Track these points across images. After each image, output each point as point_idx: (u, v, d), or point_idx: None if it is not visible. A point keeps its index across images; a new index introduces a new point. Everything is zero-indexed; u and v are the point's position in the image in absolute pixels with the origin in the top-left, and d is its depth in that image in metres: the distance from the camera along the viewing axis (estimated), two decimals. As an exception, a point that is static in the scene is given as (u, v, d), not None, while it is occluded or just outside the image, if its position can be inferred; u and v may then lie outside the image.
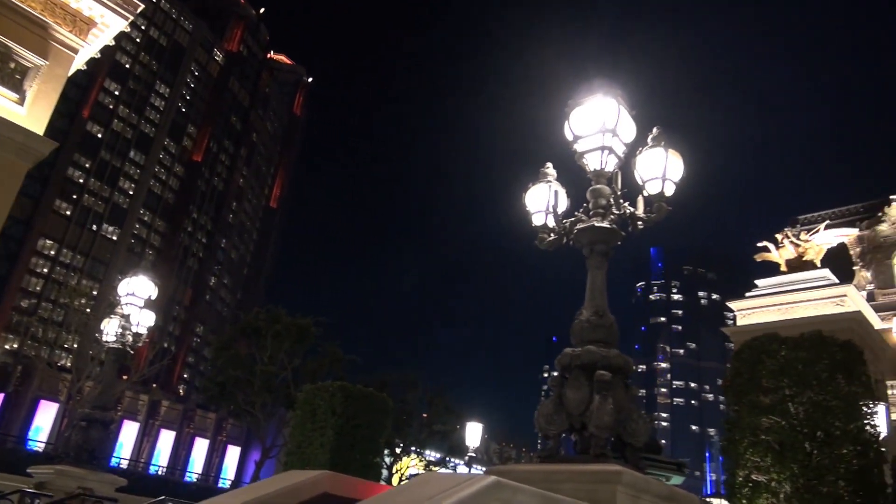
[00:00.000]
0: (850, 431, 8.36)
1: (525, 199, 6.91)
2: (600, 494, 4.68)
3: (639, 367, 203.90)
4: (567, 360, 5.69)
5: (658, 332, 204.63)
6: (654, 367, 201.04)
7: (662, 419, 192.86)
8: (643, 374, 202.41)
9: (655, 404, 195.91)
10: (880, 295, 39.76)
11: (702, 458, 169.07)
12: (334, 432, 13.98)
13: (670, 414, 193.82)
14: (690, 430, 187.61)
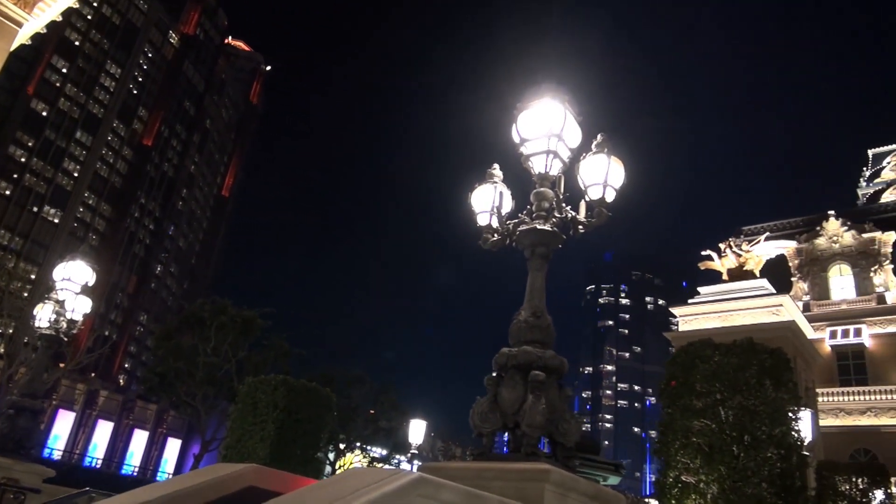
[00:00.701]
0: (775, 436, 8.69)
1: (471, 199, 6.96)
2: (529, 492, 4.75)
3: (586, 369, 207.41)
4: (503, 360, 5.75)
5: (606, 336, 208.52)
6: (601, 370, 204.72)
7: (606, 420, 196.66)
8: (590, 376, 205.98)
9: (600, 406, 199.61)
10: (815, 306, 41.39)
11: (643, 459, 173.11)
12: (275, 426, 13.83)
13: (614, 416, 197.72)
14: (633, 431, 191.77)
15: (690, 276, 45.02)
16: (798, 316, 28.87)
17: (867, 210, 48.10)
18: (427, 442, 52.94)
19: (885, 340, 38.67)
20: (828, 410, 36.57)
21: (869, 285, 40.68)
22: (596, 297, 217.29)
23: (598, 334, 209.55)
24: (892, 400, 36.83)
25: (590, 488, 5.15)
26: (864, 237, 41.72)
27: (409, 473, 3.37)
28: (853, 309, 40.22)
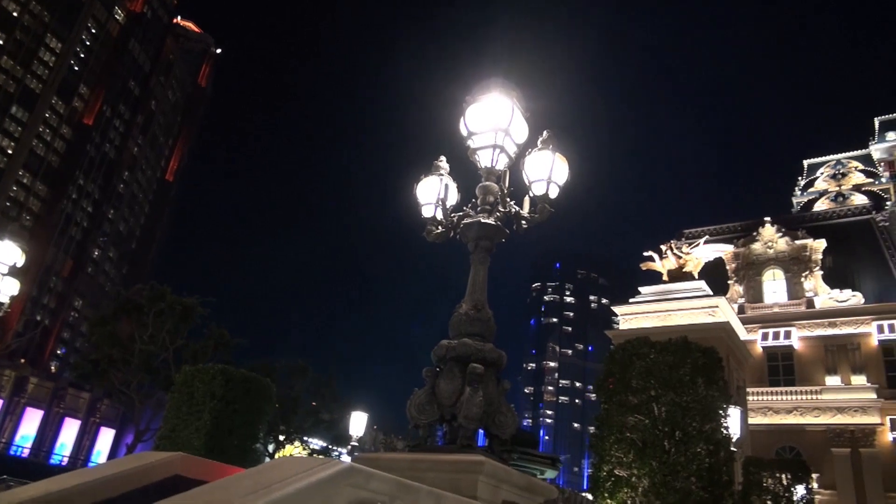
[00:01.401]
0: (705, 432, 8.97)
1: (417, 190, 6.93)
2: (462, 483, 4.77)
3: (529, 365, 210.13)
4: (443, 352, 5.76)
5: (550, 332, 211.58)
6: (544, 366, 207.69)
7: (548, 416, 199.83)
8: (533, 372, 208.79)
9: (542, 401, 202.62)
10: (749, 308, 42.93)
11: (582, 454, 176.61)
12: (212, 416, 13.53)
13: (555, 411, 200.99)
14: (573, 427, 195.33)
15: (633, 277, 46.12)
16: (733, 317, 29.87)
17: (801, 218, 50.15)
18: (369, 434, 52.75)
19: (812, 343, 40.42)
20: (757, 409, 38.02)
21: (800, 290, 42.43)
22: (541, 294, 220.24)
23: (543, 331, 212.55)
24: (816, 400, 38.53)
25: (522, 480, 5.21)
26: (797, 244, 43.46)
27: (339, 463, 3.33)
28: (784, 312, 41.88)
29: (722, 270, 43.88)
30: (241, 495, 2.78)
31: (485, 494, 4.78)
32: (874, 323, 39.19)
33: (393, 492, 3.53)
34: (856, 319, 39.70)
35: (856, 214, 46.96)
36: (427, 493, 3.86)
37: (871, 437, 36.76)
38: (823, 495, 35.51)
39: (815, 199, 72.72)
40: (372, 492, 3.37)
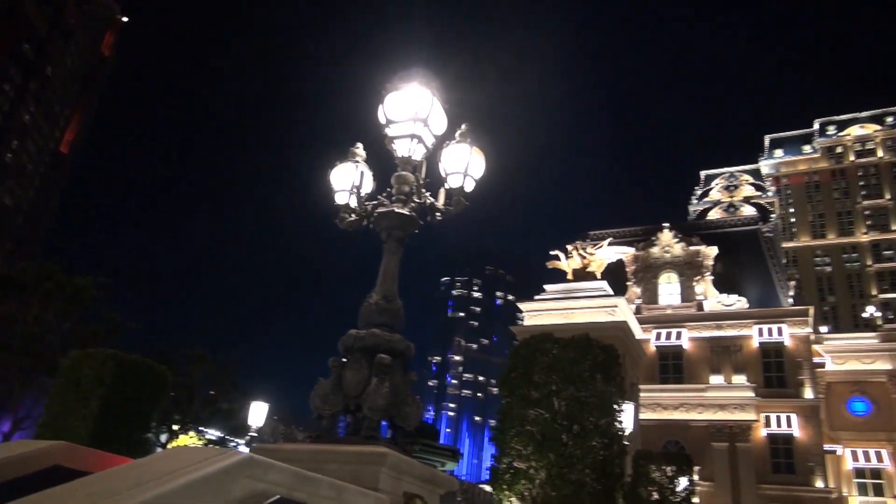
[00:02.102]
0: (601, 426, 9.32)
1: (331, 176, 6.78)
2: (364, 475, 4.71)
3: (434, 358, 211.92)
4: (350, 342, 5.67)
5: (456, 326, 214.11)
6: (449, 359, 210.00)
7: (450, 409, 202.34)
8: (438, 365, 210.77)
9: (445, 394, 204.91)
10: (646, 309, 45.01)
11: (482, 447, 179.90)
12: (99, 404, 12.81)
13: (458, 404, 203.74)
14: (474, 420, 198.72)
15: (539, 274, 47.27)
16: (630, 317, 31.22)
17: (696, 225, 53.04)
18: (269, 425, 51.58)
19: (700, 344, 42.88)
20: (647, 405, 39.95)
21: (691, 293, 44.89)
22: (450, 288, 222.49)
23: (449, 325, 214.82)
24: (701, 397, 40.94)
25: (425, 472, 5.21)
26: (691, 249, 45.94)
27: (236, 453, 3.20)
28: (677, 314, 44.20)
29: (622, 272, 45.76)
30: (129, 487, 2.61)
31: (386, 486, 4.74)
32: (755, 326, 42.04)
33: (292, 483, 3.42)
34: (739, 323, 42.45)
35: (744, 225, 50.15)
36: (328, 484, 3.78)
37: (747, 432, 39.46)
38: (703, 487, 37.81)
39: (710, 208, 77.19)
40: (270, 483, 3.26)
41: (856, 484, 43.57)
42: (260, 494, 3.12)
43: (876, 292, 77.84)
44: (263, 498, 3.09)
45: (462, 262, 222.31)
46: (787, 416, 39.95)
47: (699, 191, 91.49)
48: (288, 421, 59.06)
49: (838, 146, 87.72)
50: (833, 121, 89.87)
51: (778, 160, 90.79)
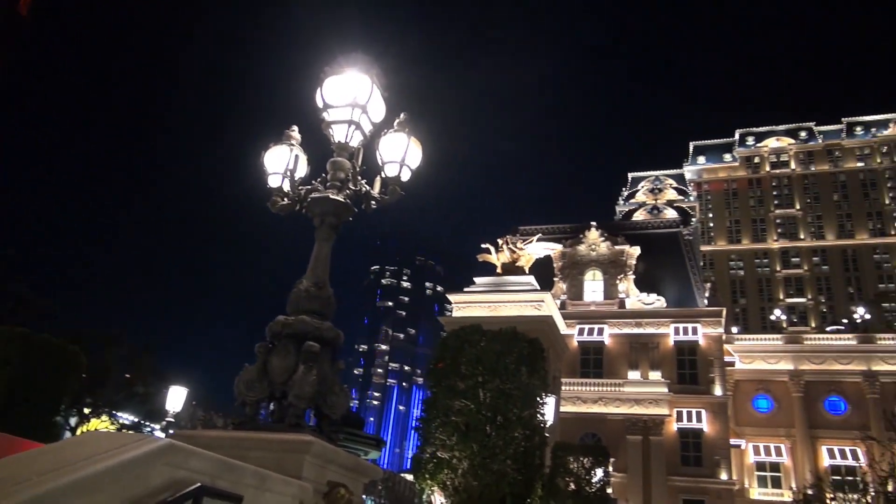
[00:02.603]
0: (524, 418, 9.51)
1: (264, 158, 6.60)
2: (288, 463, 4.64)
3: (361, 346, 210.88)
4: (278, 328, 5.55)
5: (384, 316, 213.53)
6: (375, 349, 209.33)
7: (375, 398, 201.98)
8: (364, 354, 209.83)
9: (370, 383, 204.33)
10: (570, 304, 46.13)
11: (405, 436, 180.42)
12: (4, 385, 12.16)
13: (383, 393, 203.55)
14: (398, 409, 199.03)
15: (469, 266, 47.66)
16: (556, 312, 31.94)
17: (621, 225, 54.68)
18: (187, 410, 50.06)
19: (620, 340, 44.35)
20: (568, 398, 41.05)
21: (614, 291, 46.30)
22: (379, 277, 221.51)
23: (377, 314, 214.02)
24: (618, 392, 42.38)
25: (349, 461, 5.18)
26: (616, 248, 47.36)
27: (155, 439, 3.09)
28: (600, 311, 45.52)
29: (550, 267, 46.72)
30: (40, 473, 2.48)
31: (310, 474, 4.69)
32: (672, 325, 43.82)
33: (214, 471, 3.34)
34: (658, 321, 44.14)
35: (667, 227, 52.05)
36: (252, 472, 3.71)
37: (660, 426, 41.16)
38: (617, 478, 39.18)
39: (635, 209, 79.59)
40: (191, 471, 3.17)
41: (756, 476, 46.22)
42: (180, 482, 3.03)
43: (783, 297, 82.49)
44: (184, 486, 3.00)
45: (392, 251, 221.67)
46: (698, 411, 41.89)
47: (626, 192, 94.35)
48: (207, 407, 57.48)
49: (756, 156, 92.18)
50: (753, 132, 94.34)
51: (700, 167, 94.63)
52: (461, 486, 9.33)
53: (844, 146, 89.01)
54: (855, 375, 46.31)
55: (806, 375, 47.20)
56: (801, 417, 46.10)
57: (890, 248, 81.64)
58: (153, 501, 2.81)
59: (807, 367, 47.38)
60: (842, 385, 46.67)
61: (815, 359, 47.46)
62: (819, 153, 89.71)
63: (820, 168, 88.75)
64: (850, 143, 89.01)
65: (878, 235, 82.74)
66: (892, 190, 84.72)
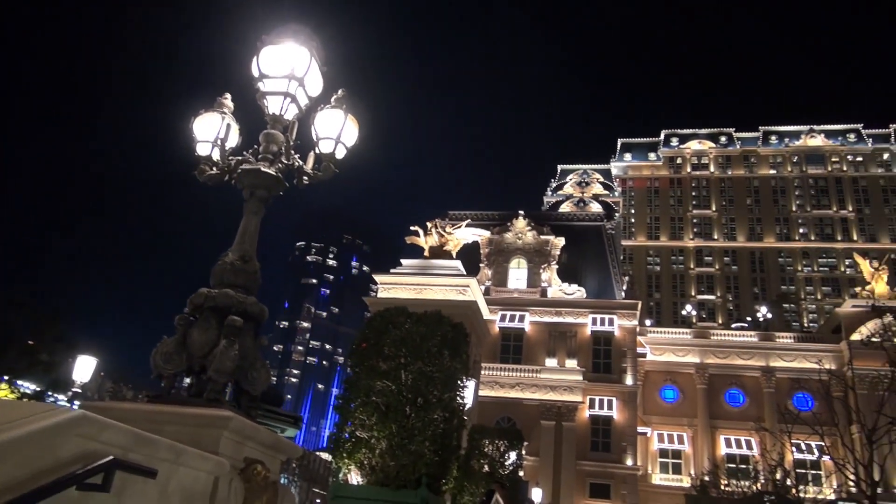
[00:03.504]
0: (444, 400, 9.65)
1: (194, 125, 6.38)
2: (204, 438, 4.56)
3: (282, 323, 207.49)
4: (201, 300, 5.42)
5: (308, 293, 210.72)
6: (297, 326, 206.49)
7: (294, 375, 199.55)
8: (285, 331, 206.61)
9: (290, 360, 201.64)
10: (495, 291, 46.86)
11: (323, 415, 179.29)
12: None
13: (302, 371, 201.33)
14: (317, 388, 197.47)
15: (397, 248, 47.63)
16: (480, 298, 32.38)
17: (548, 215, 55.87)
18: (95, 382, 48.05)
19: (540, 328, 45.46)
20: (487, 382, 41.82)
21: (538, 280, 47.34)
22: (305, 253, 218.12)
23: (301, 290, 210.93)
24: (536, 378, 43.51)
25: (269, 438, 5.14)
26: (542, 238, 48.38)
27: (66, 410, 2.97)
28: (522, 298, 46.47)
29: (477, 253, 47.26)
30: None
31: (227, 450, 4.62)
32: (590, 315, 45.25)
33: (128, 444, 3.25)
34: (577, 311, 45.47)
35: (591, 220, 53.54)
36: (168, 446, 3.63)
37: (573, 412, 42.56)
38: (529, 461, 40.33)
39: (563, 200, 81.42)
40: (104, 443, 3.07)
41: (659, 463, 48.56)
42: (91, 455, 2.94)
43: (695, 293, 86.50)
44: (96, 458, 2.91)
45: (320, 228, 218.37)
46: (609, 399, 43.55)
47: (555, 183, 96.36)
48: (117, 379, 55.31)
49: (678, 157, 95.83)
50: (677, 133, 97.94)
51: (626, 163, 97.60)
52: (378, 466, 9.40)
53: (760, 153, 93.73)
54: (754, 370, 49.22)
55: (710, 369, 49.79)
56: (704, 408, 48.66)
57: (793, 252, 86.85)
58: (63, 473, 2.72)
59: (712, 360, 49.97)
60: (742, 379, 49.51)
61: (720, 353, 50.12)
62: (736, 158, 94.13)
63: (736, 172, 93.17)
64: (765, 150, 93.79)
65: (784, 240, 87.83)
66: (799, 198, 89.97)
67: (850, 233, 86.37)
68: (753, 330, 55.03)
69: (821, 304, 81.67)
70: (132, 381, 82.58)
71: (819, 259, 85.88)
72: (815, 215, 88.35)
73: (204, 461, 4.10)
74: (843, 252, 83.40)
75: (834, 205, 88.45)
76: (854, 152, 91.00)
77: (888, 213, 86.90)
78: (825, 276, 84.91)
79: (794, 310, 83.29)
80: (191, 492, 3.96)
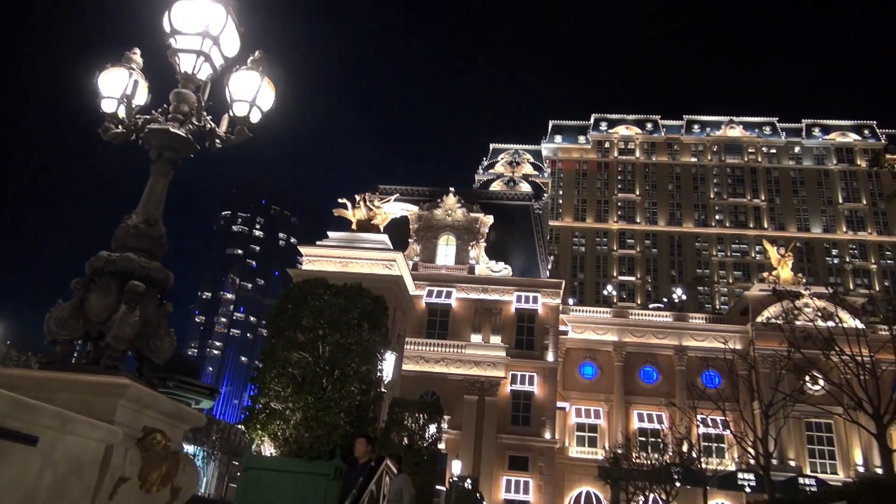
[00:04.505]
0: (361, 372, 9.65)
1: (98, 80, 6.04)
2: (99, 407, 4.40)
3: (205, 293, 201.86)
4: (100, 264, 5.18)
5: (232, 264, 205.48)
6: (220, 297, 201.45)
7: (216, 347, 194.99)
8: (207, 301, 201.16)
9: (213, 332, 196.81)
10: (423, 266, 47.00)
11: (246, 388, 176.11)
12: None
13: (224, 343, 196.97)
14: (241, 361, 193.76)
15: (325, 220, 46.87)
16: (406, 273, 32.43)
17: (478, 194, 56.34)
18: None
19: (466, 304, 46.00)
20: (412, 357, 42.09)
21: (466, 257, 47.78)
22: (231, 223, 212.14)
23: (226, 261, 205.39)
24: (461, 353, 44.09)
25: (169, 407, 4.99)
26: (471, 216, 48.77)
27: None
28: (450, 274, 46.83)
29: (406, 229, 47.20)
30: None
31: (124, 419, 4.47)
32: (515, 293, 46.10)
33: (6, 411, 3.09)
34: (503, 288, 46.22)
35: (520, 200, 54.31)
36: (53, 413, 3.47)
37: (496, 387, 43.45)
38: (451, 434, 41.03)
39: (493, 179, 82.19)
40: (-22, 410, 2.92)
41: (576, 436, 50.31)
42: (-40, 421, 2.78)
43: (616, 274, 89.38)
44: (-34, 424, 2.75)
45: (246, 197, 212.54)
46: (531, 375, 44.68)
47: (486, 162, 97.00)
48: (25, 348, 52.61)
49: (606, 142, 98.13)
50: (606, 118, 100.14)
51: (556, 145, 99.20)
52: (292, 438, 9.34)
53: (683, 141, 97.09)
54: (668, 349, 51.49)
55: (627, 347, 51.76)
56: (620, 384, 50.63)
57: (709, 238, 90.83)
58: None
59: (629, 339, 51.93)
60: (656, 357, 51.73)
61: (637, 332, 52.13)
62: (661, 145, 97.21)
63: (660, 159, 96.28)
64: (687, 138, 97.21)
65: (701, 226, 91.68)
66: (717, 186, 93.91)
67: (761, 221, 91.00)
68: (669, 311, 57.44)
69: (732, 288, 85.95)
70: (43, 350, 78.29)
71: (732, 245, 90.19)
72: (731, 203, 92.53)
73: (94, 429, 3.95)
74: (754, 239, 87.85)
75: (748, 193, 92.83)
76: (769, 144, 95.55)
77: (797, 204, 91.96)
78: (737, 261, 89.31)
79: (707, 292, 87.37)
80: (79, 460, 3.81)
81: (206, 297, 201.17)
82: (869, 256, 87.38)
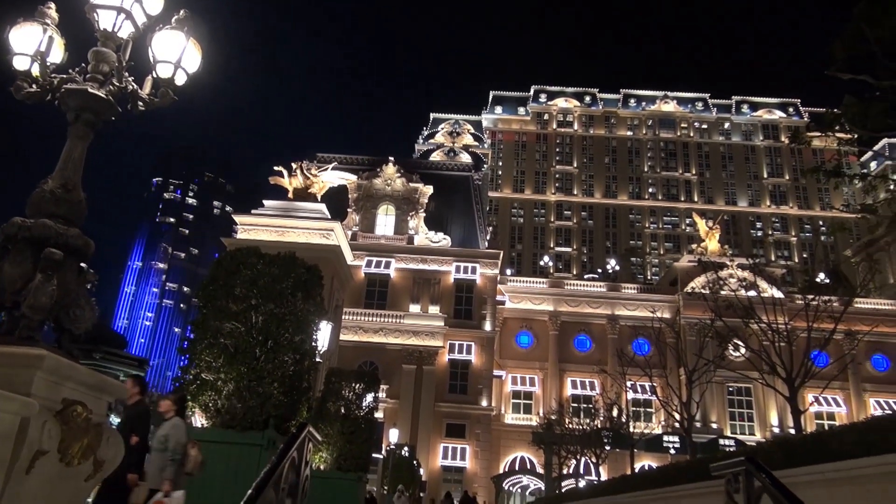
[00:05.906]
0: (295, 342, 9.58)
1: (9, 35, 5.69)
2: (15, 379, 4.24)
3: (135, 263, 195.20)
4: (14, 230, 4.93)
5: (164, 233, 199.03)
6: (152, 266, 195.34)
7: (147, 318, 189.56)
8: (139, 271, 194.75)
9: (144, 303, 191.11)
10: (361, 237, 46.71)
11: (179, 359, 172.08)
12: None
13: (156, 314, 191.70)
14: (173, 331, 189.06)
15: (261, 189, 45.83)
16: (344, 243, 32.17)
17: (418, 164, 56.06)
18: None
19: (405, 274, 46.07)
20: (350, 327, 42.00)
21: (405, 227, 47.71)
22: (162, 190, 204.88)
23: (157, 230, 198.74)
24: (399, 323, 44.27)
25: (90, 378, 4.85)
26: (411, 186, 48.61)
27: None
28: (389, 245, 46.73)
29: (344, 198, 46.69)
30: None
31: (41, 391, 4.32)
32: (454, 263, 46.44)
33: None
34: (442, 259, 46.48)
35: (460, 170, 54.37)
36: (-42, 385, 3.33)
37: (433, 357, 43.91)
38: (389, 403, 41.33)
39: (434, 149, 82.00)
40: None
41: (512, 403, 51.50)
42: None
43: (553, 245, 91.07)
44: None
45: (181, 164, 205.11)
46: (469, 344, 45.33)
47: (427, 132, 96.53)
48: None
49: (545, 114, 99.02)
50: (546, 90, 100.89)
51: (497, 116, 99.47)
52: (224, 408, 9.24)
53: (619, 115, 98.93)
54: (601, 318, 53.03)
55: (563, 316, 53.04)
56: (554, 353, 51.94)
57: (643, 210, 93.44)
58: None
59: (564, 308, 53.20)
60: (590, 326, 53.23)
61: (572, 302, 53.43)
62: (598, 118, 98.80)
63: (597, 132, 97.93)
64: (624, 112, 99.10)
65: (635, 198, 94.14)
66: (650, 160, 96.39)
67: (692, 194, 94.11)
68: (603, 281, 59.06)
69: (663, 259, 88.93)
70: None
71: (664, 217, 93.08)
72: (664, 176, 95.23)
73: (8, 402, 3.82)
74: (684, 211, 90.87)
75: (680, 167, 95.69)
76: (701, 120, 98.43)
77: (725, 178, 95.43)
78: (668, 233, 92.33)
79: (640, 263, 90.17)
80: (-9, 434, 3.68)
81: (136, 267, 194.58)
82: (790, 229, 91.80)
